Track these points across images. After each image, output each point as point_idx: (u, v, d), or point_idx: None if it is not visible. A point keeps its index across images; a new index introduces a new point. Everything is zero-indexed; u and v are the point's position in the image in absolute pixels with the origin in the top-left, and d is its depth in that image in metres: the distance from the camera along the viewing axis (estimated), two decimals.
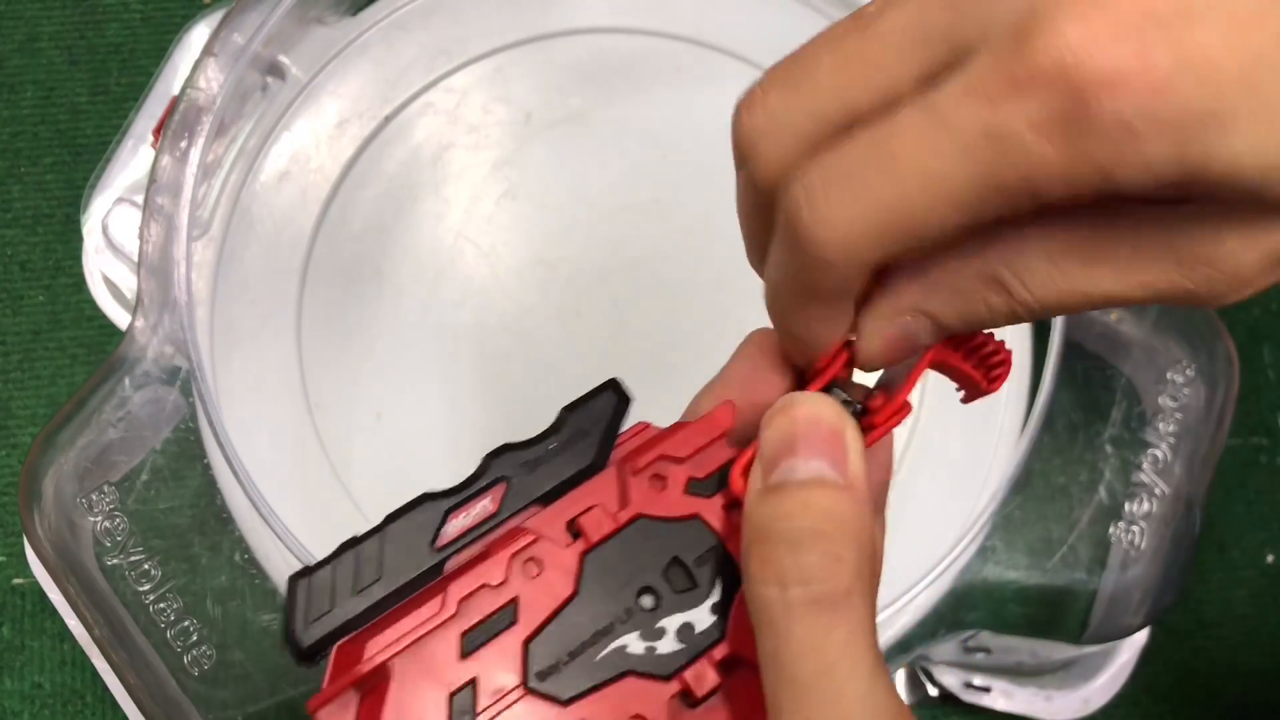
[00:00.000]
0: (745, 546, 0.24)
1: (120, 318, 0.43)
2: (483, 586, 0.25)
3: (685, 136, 0.47)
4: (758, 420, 0.26)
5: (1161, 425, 0.43)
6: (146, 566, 0.38)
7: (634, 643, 0.25)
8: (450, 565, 0.25)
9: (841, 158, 0.22)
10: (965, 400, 0.27)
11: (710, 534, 0.26)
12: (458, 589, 0.25)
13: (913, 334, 0.25)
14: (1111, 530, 0.43)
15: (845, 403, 0.26)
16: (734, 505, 0.26)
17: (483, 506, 0.26)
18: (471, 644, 0.24)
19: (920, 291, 0.24)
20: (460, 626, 0.24)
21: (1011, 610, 0.43)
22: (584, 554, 0.25)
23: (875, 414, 0.27)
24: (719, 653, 0.25)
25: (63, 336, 0.47)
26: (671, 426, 0.27)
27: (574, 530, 0.26)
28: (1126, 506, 0.43)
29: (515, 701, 0.24)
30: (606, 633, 0.25)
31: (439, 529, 0.25)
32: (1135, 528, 0.43)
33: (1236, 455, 0.50)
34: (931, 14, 0.22)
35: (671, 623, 0.25)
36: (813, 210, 0.22)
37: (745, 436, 0.27)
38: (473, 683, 0.24)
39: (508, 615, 0.25)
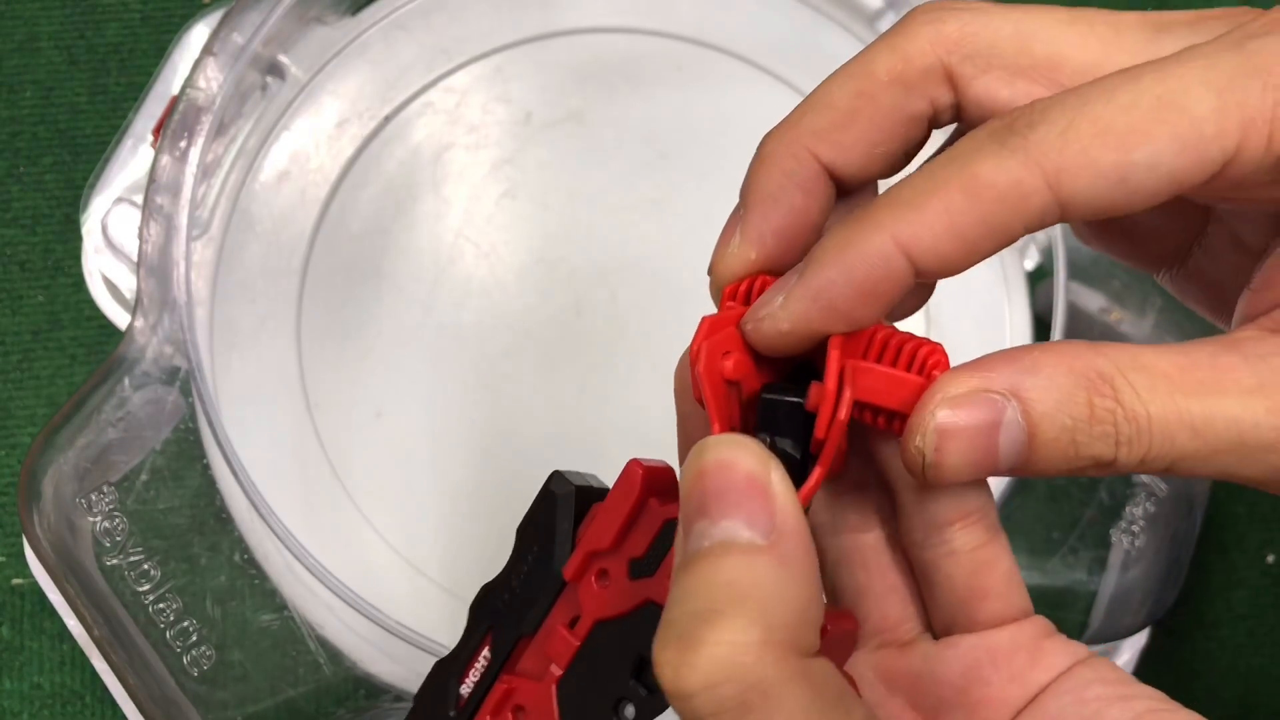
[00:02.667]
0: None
1: (120, 318, 0.43)
2: None
3: (685, 136, 0.47)
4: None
5: None
6: (146, 567, 0.38)
7: None
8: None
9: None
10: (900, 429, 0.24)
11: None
12: None
13: (998, 421, 0.23)
14: (1112, 531, 0.43)
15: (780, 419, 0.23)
16: None
17: (483, 658, 0.26)
18: None
19: (1016, 370, 0.23)
20: None
21: None
22: (557, 684, 0.25)
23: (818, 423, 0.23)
24: None
25: (62, 336, 0.47)
26: (602, 507, 0.25)
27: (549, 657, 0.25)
28: (1127, 507, 0.43)
29: None
30: None
31: (455, 693, 0.26)
32: (1135, 528, 0.43)
33: None
34: None
35: None
36: None
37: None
38: None
39: None
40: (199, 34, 0.44)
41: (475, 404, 0.44)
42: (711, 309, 0.26)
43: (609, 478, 0.26)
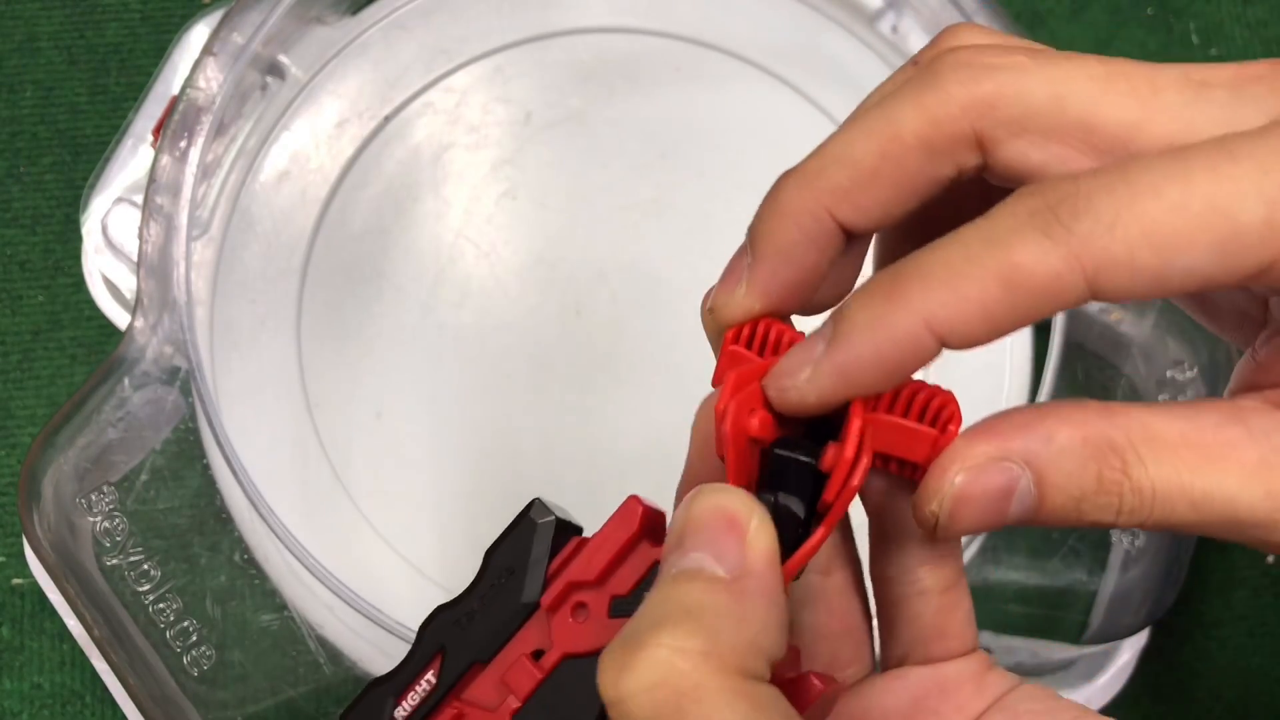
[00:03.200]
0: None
1: (120, 318, 0.43)
2: None
3: (685, 136, 0.47)
4: None
5: None
6: (146, 567, 0.38)
7: None
8: None
9: None
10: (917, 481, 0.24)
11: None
12: None
13: (1011, 489, 0.23)
14: (1112, 530, 0.43)
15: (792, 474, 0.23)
16: None
17: (426, 681, 0.24)
18: None
19: (1032, 440, 0.23)
20: None
21: (1012, 611, 0.43)
22: (514, 715, 0.24)
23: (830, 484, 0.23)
24: None
25: (62, 336, 0.47)
26: (576, 543, 0.25)
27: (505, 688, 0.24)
28: None
29: None
30: None
31: (390, 714, 0.24)
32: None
33: None
34: None
35: None
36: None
37: None
38: None
39: None
40: (199, 34, 0.44)
41: (475, 404, 0.44)
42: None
43: (609, 479, 0.26)
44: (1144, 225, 0.21)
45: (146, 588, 0.38)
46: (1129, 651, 0.44)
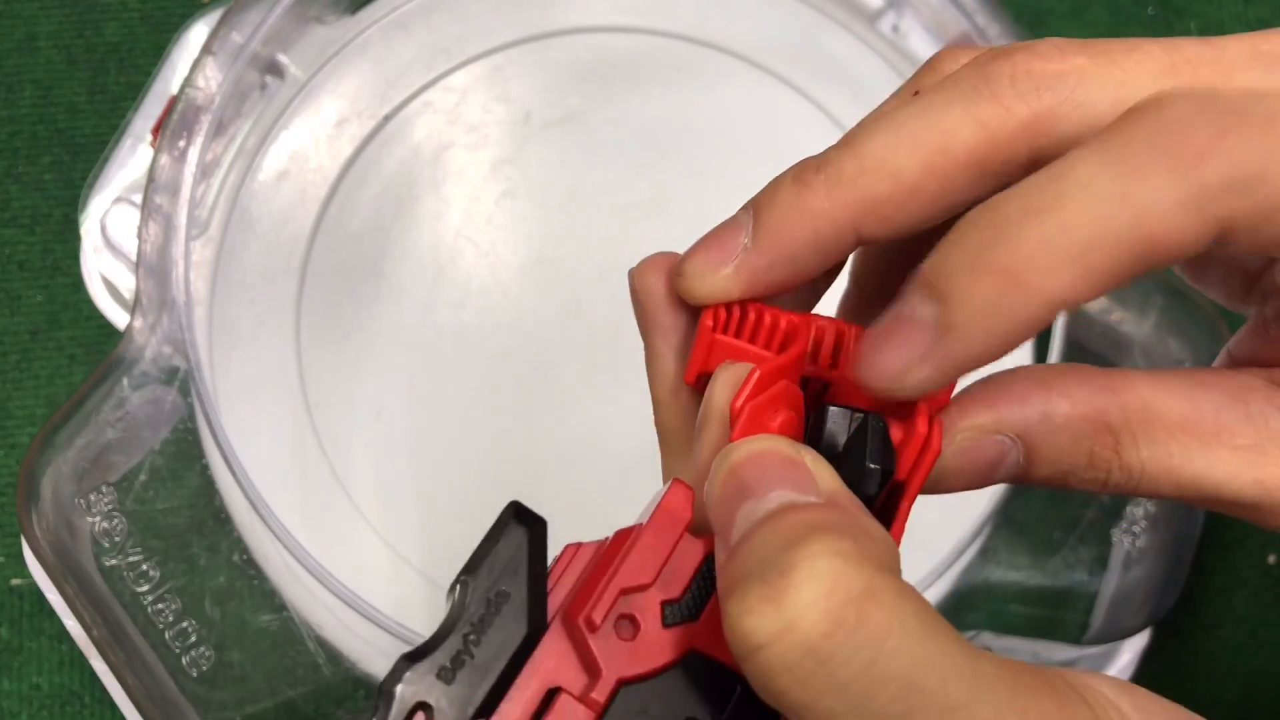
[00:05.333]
0: (725, 632, 0.18)
1: (119, 317, 0.43)
2: None
3: (685, 136, 0.47)
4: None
5: None
6: (145, 567, 0.38)
7: None
8: None
9: None
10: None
11: (717, 666, 0.19)
12: None
13: (1000, 460, 0.23)
14: (1113, 531, 0.43)
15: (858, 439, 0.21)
16: None
17: None
18: None
19: (1031, 414, 0.23)
20: None
21: (1013, 611, 0.42)
22: None
23: (904, 448, 0.22)
24: None
25: (61, 336, 0.47)
26: (614, 540, 0.21)
27: None
28: (1128, 507, 0.43)
29: None
30: None
31: None
32: (1136, 528, 0.43)
33: None
34: None
35: None
36: None
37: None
38: None
39: None
40: (198, 33, 0.44)
41: (475, 404, 0.44)
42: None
43: (610, 479, 0.25)
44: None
45: (145, 588, 0.38)
46: (1130, 652, 0.44)
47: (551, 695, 0.19)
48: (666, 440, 0.25)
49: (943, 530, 0.42)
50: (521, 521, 0.20)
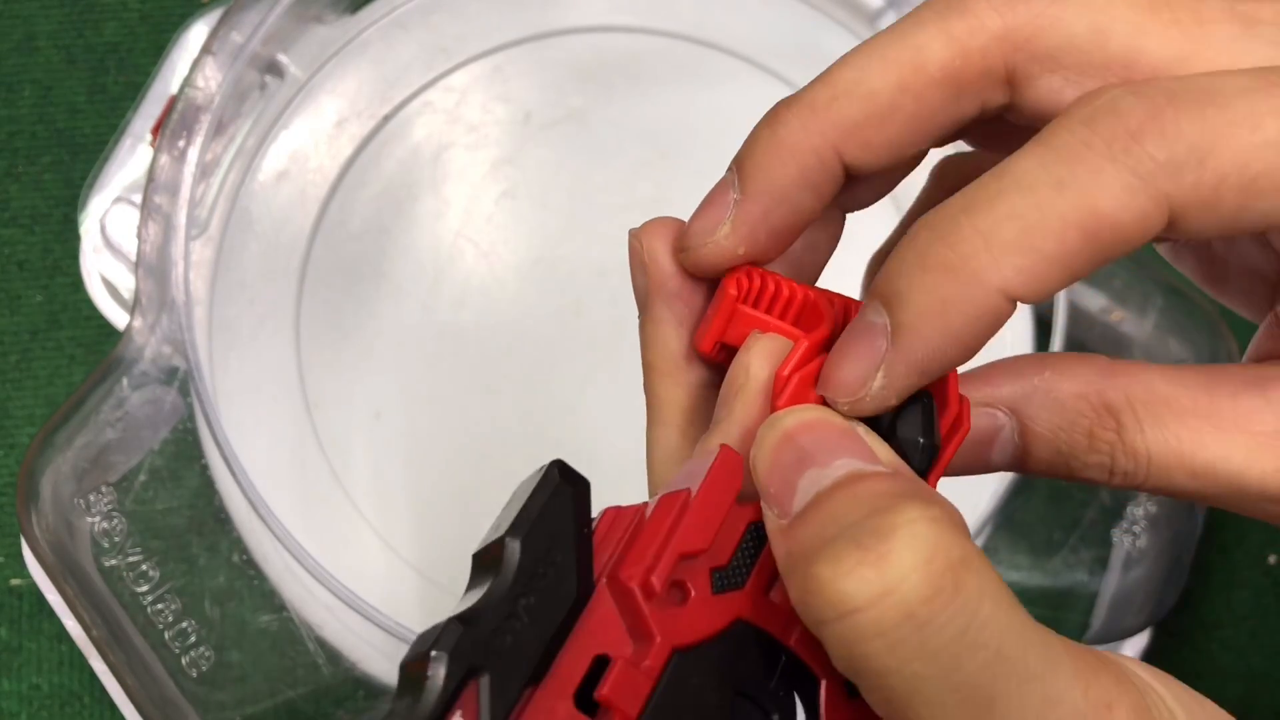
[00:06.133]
0: (798, 599, 0.18)
1: (118, 317, 0.43)
2: None
3: (685, 136, 0.47)
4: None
5: None
6: (144, 567, 0.38)
7: None
8: None
9: None
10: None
11: (762, 635, 0.19)
12: None
13: (993, 435, 0.22)
14: (1113, 531, 0.43)
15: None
16: (775, 581, 0.20)
17: None
18: None
19: (1025, 387, 0.22)
20: None
21: None
22: None
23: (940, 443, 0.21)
24: None
25: (60, 336, 0.47)
26: (661, 504, 0.20)
27: (590, 707, 0.18)
28: (1128, 507, 0.43)
29: None
30: None
31: None
32: (1137, 529, 0.43)
33: None
34: None
35: None
36: None
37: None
38: None
39: None
40: (198, 33, 0.44)
41: (475, 404, 0.44)
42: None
43: (610, 478, 0.24)
44: (1237, 160, 0.19)
45: (145, 588, 0.38)
46: (1130, 652, 0.44)
47: (599, 661, 0.18)
48: (660, 410, 0.25)
49: None
50: (568, 481, 0.19)
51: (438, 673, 0.17)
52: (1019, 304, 0.20)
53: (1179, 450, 0.22)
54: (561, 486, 0.19)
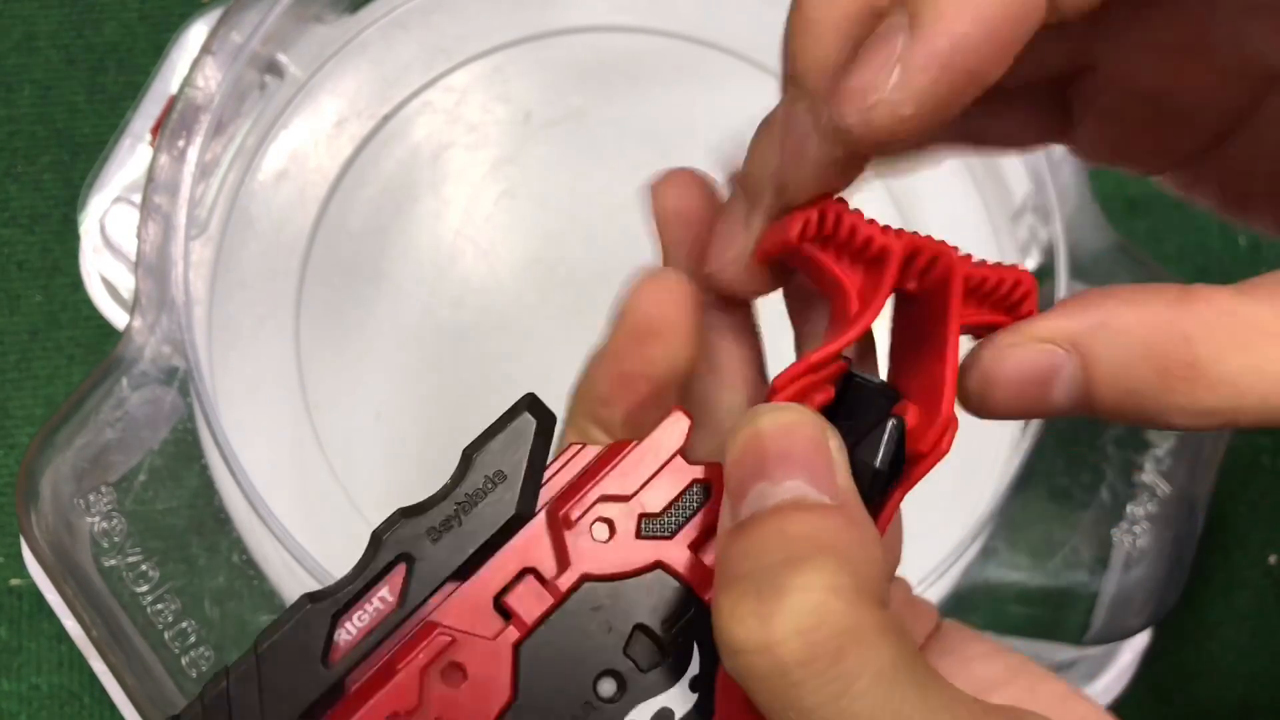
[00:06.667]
0: (712, 606, 0.19)
1: (118, 317, 0.43)
2: (394, 716, 0.19)
3: (685, 136, 0.47)
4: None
5: None
6: (144, 567, 0.38)
7: None
8: (353, 677, 0.20)
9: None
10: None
11: (678, 585, 0.21)
12: None
13: (1052, 374, 0.21)
14: (1113, 531, 0.43)
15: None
16: (706, 541, 0.21)
17: (379, 599, 0.20)
18: None
19: (1088, 320, 0.20)
20: None
21: (1013, 611, 0.42)
22: (518, 644, 0.20)
23: (917, 439, 0.21)
24: None
25: (60, 336, 0.47)
26: (610, 449, 0.22)
27: (504, 611, 0.20)
28: (1129, 507, 0.43)
29: None
30: None
31: (329, 640, 0.19)
32: (1137, 528, 0.43)
33: (1239, 456, 0.50)
34: None
35: (642, 713, 0.20)
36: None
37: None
38: None
39: None
40: (197, 33, 0.44)
41: (475, 404, 0.44)
42: None
43: None
44: None
45: (145, 588, 0.38)
46: (1130, 652, 0.44)
47: (524, 574, 0.20)
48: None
49: (943, 530, 0.42)
50: (534, 413, 0.22)
51: (374, 551, 0.20)
52: (1056, 12, 0.18)
53: (1274, 371, 0.20)
54: (525, 417, 0.22)
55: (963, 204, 0.47)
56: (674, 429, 0.21)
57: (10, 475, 0.46)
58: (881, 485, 0.21)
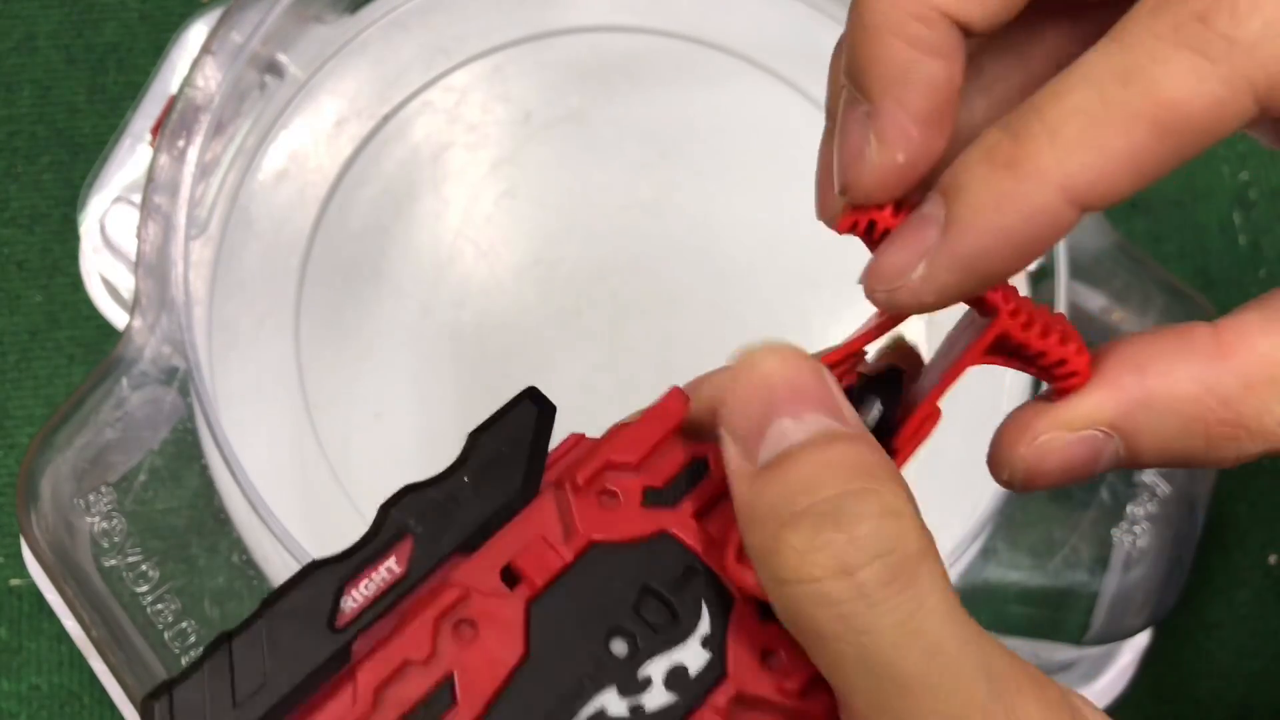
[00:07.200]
0: (760, 550, 0.19)
1: (118, 317, 0.43)
2: (405, 665, 0.20)
3: (685, 136, 0.47)
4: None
5: None
6: (144, 568, 0.38)
7: (614, 703, 0.20)
8: (359, 647, 0.20)
9: None
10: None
11: (684, 550, 0.21)
12: (370, 675, 0.19)
13: (1096, 456, 0.21)
14: (1113, 531, 0.43)
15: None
16: (707, 511, 0.22)
17: (386, 569, 0.20)
18: None
19: (1125, 404, 0.21)
20: None
21: (1013, 611, 0.42)
22: (530, 602, 0.21)
23: (897, 429, 0.22)
24: (723, 696, 0.20)
25: (60, 336, 0.47)
26: (611, 431, 0.23)
27: (512, 576, 0.21)
28: (1128, 507, 0.43)
29: None
30: (576, 696, 0.20)
31: (335, 606, 0.20)
32: (1137, 528, 0.43)
33: None
34: None
35: (656, 669, 0.21)
36: None
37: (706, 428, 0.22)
38: None
39: (444, 698, 0.20)
40: (197, 33, 0.44)
41: (475, 404, 0.44)
42: (711, 309, 0.25)
43: None
44: None
45: (145, 589, 0.38)
46: (1130, 652, 0.44)
47: (532, 542, 0.21)
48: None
49: (943, 530, 0.42)
50: (534, 402, 0.23)
51: (381, 523, 0.21)
52: (1084, 212, 0.19)
53: None
54: (525, 405, 0.23)
55: None
56: (671, 405, 0.22)
57: (10, 475, 0.46)
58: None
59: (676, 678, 0.21)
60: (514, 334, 0.44)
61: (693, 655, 0.21)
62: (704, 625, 0.21)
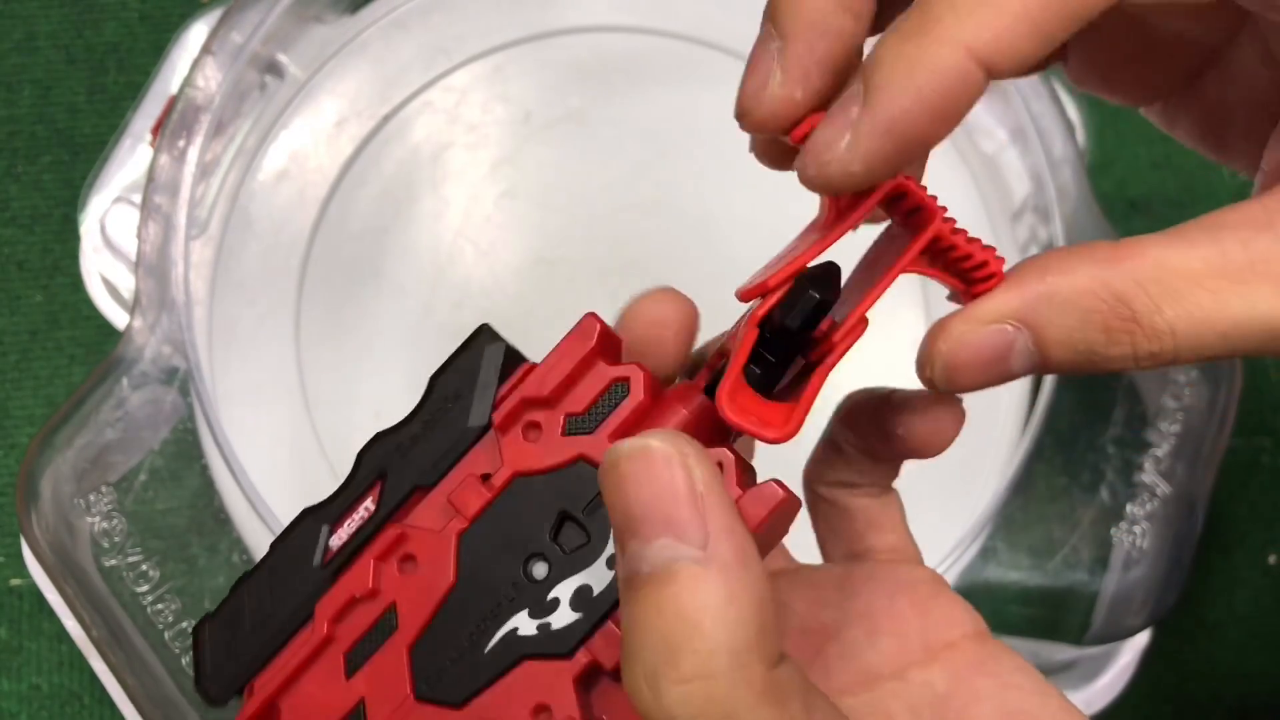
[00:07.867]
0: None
1: (118, 317, 0.43)
2: (352, 600, 0.23)
3: (685, 136, 0.47)
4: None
5: (1164, 425, 0.43)
6: (144, 567, 0.38)
7: (524, 623, 0.22)
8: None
9: None
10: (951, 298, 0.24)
11: (596, 472, 0.22)
12: (325, 609, 0.23)
13: (1007, 350, 0.22)
14: (1113, 531, 0.43)
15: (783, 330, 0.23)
16: (627, 432, 0.23)
17: (364, 509, 0.24)
18: (354, 663, 0.23)
19: (1029, 296, 0.22)
20: (341, 647, 0.23)
21: (1013, 611, 0.42)
22: (460, 535, 0.23)
23: (825, 337, 0.23)
24: None
25: (60, 336, 0.47)
26: (549, 356, 0.25)
27: (449, 511, 0.24)
28: (1128, 507, 0.43)
29: (406, 715, 0.22)
30: (493, 617, 0.23)
31: (324, 544, 0.24)
32: (1137, 528, 0.43)
33: (1239, 456, 0.50)
34: None
35: (564, 590, 0.23)
36: None
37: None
38: (361, 704, 0.23)
39: (388, 624, 0.23)
40: (198, 33, 0.44)
41: None
42: (711, 309, 0.26)
43: None
44: None
45: (145, 588, 0.38)
46: (1130, 652, 0.44)
47: (472, 477, 0.23)
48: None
49: (943, 530, 0.42)
50: (487, 340, 0.25)
51: (356, 468, 0.24)
52: (993, 76, 0.20)
53: (1203, 317, 0.21)
54: (476, 344, 0.25)
55: (963, 203, 0.47)
56: (582, 334, 0.24)
57: (10, 475, 0.46)
58: (794, 345, 0.23)
59: (582, 597, 0.22)
60: (514, 334, 0.44)
61: (599, 576, 0.22)
62: (610, 547, 0.23)
